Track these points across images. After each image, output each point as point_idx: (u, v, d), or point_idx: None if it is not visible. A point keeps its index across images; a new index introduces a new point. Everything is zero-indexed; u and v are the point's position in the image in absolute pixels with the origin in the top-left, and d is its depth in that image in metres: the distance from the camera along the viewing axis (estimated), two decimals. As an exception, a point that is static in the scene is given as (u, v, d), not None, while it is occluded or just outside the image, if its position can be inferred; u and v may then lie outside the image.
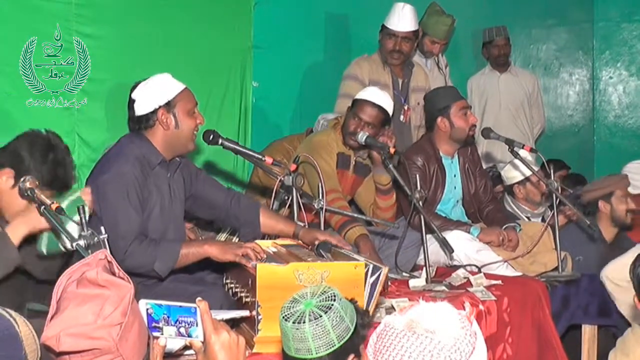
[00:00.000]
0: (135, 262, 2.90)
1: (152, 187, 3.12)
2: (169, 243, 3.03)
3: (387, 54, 4.84)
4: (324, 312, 1.86)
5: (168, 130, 3.13)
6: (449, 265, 4.10)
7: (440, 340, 1.44)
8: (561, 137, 7.49)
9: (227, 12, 4.69)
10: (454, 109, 4.37)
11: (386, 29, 4.85)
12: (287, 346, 1.89)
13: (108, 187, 2.99)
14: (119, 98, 3.90)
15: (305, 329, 1.84)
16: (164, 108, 3.12)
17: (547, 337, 3.90)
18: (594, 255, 4.48)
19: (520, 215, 4.84)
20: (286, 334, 1.87)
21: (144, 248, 2.93)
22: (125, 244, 2.91)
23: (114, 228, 2.88)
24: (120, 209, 2.97)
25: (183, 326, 1.81)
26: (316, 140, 4.08)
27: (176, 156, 3.24)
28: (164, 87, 3.14)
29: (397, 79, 4.92)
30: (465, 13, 6.04)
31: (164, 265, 2.94)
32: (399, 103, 4.90)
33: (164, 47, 4.29)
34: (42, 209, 2.59)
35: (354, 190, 4.26)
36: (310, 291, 1.93)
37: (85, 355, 1.56)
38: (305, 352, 1.85)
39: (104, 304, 1.58)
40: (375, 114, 4.01)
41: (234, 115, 4.74)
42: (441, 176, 4.41)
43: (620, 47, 7.55)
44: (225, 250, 2.95)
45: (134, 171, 3.04)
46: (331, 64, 5.01)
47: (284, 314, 1.89)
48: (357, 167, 4.19)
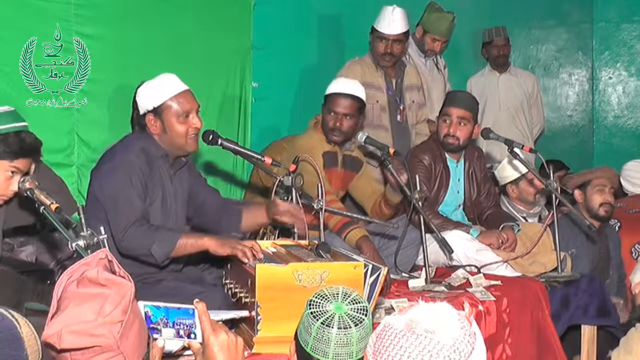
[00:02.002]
0: (133, 244, 2.93)
1: (155, 180, 3.15)
2: (169, 230, 3.06)
3: (378, 57, 4.83)
4: (364, 315, 1.86)
5: (158, 135, 3.18)
6: (448, 266, 4.10)
7: (440, 340, 1.44)
8: (561, 137, 7.50)
9: (226, 12, 4.69)
10: None
11: (377, 32, 4.82)
12: (322, 351, 1.84)
13: (112, 173, 3.04)
14: (119, 98, 3.91)
15: (353, 333, 1.83)
16: (151, 113, 3.16)
17: (547, 338, 3.90)
18: (586, 250, 4.49)
19: (516, 215, 4.84)
20: (327, 339, 1.83)
21: (143, 231, 2.95)
22: (126, 223, 2.93)
23: (116, 207, 2.95)
24: (123, 192, 3.00)
25: (181, 328, 1.82)
26: (299, 145, 4.03)
27: (180, 156, 3.26)
28: (158, 90, 3.16)
29: (391, 80, 4.91)
30: (465, 13, 6.04)
31: (161, 250, 2.94)
32: (395, 104, 4.90)
33: (163, 48, 4.29)
34: (41, 209, 2.59)
35: (346, 185, 4.24)
36: (330, 293, 1.90)
37: (86, 353, 1.56)
38: (346, 356, 1.84)
39: (104, 302, 1.59)
40: (349, 104, 4.00)
41: (233, 116, 4.75)
42: (445, 178, 4.41)
43: (619, 48, 7.56)
44: (223, 244, 2.96)
45: (139, 161, 3.08)
46: (330, 65, 5.01)
47: (322, 319, 1.84)
48: (346, 161, 4.18)
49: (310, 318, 1.85)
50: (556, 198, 4.14)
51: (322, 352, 1.83)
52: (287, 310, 2.57)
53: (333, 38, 5.49)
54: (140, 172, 3.07)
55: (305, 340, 1.85)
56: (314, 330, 1.83)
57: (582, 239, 4.56)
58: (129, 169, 3.05)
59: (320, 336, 1.83)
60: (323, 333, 1.82)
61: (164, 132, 3.16)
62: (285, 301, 2.60)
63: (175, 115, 3.16)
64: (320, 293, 1.90)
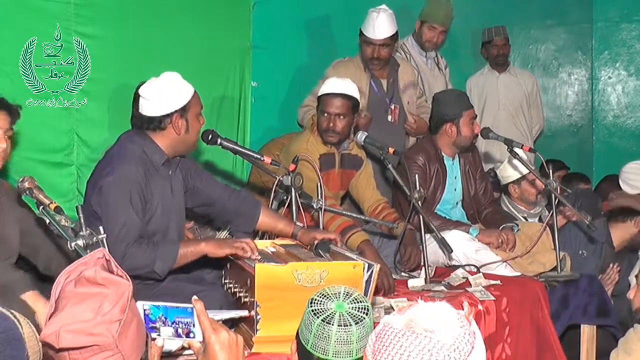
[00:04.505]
0: (134, 264, 2.90)
1: (154, 188, 3.11)
2: (167, 244, 3.03)
3: (367, 60, 4.81)
4: (365, 314, 1.86)
5: (179, 135, 3.13)
6: (447, 265, 4.10)
7: (440, 339, 1.44)
8: (560, 137, 7.50)
9: (226, 12, 4.69)
10: (464, 118, 4.40)
11: (363, 36, 4.79)
12: (322, 349, 1.84)
13: (111, 190, 2.99)
14: (119, 98, 3.92)
15: (353, 331, 1.83)
16: (178, 113, 3.11)
17: (546, 337, 3.90)
18: (593, 254, 4.50)
19: (517, 215, 4.85)
20: (327, 336, 1.83)
21: (142, 250, 2.94)
22: (124, 247, 2.91)
23: (114, 230, 2.89)
24: (121, 213, 2.96)
25: (180, 327, 1.81)
26: (294, 150, 3.97)
27: (178, 155, 3.25)
28: (178, 90, 3.12)
29: (380, 81, 4.88)
30: (464, 13, 6.04)
31: (164, 265, 2.95)
32: (384, 105, 4.88)
33: (163, 47, 4.29)
34: (40, 209, 2.59)
35: (345, 184, 4.23)
36: (332, 292, 1.90)
37: (84, 352, 1.56)
38: (346, 355, 1.83)
39: (102, 301, 1.58)
40: (341, 104, 3.97)
41: (232, 115, 4.75)
42: (442, 177, 4.42)
43: (619, 47, 7.56)
44: (221, 245, 2.98)
45: (138, 174, 3.03)
46: (330, 64, 5.01)
47: (323, 316, 1.84)
48: (344, 160, 4.16)
49: (311, 315, 1.85)
50: (556, 198, 4.14)
51: (322, 349, 1.83)
52: (287, 309, 2.57)
53: (332, 38, 5.49)
54: (140, 185, 3.02)
55: (306, 338, 1.85)
56: (314, 327, 1.83)
57: (589, 246, 4.57)
58: (127, 184, 2.99)
59: (320, 333, 1.83)
60: (323, 330, 1.83)
61: (186, 131, 3.13)
62: (284, 301, 2.60)
63: (195, 114, 3.15)
64: (322, 292, 1.91)
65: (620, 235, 4.68)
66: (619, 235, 4.68)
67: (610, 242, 4.60)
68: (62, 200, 3.52)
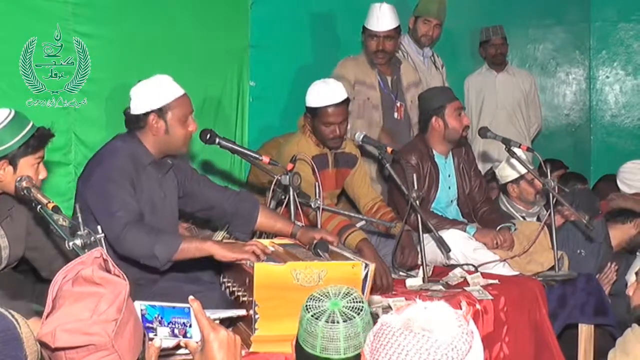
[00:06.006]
0: (134, 244, 2.85)
1: (143, 185, 3.11)
2: (170, 234, 3.02)
3: (371, 55, 4.84)
4: (356, 314, 1.86)
5: (157, 136, 3.13)
6: (445, 265, 4.11)
7: (437, 338, 1.44)
8: (558, 136, 7.50)
9: (224, 11, 4.69)
10: (449, 110, 4.39)
11: (367, 30, 4.84)
12: (310, 344, 1.85)
13: (103, 179, 2.98)
14: (117, 97, 3.91)
15: (339, 329, 1.83)
16: (155, 113, 3.12)
17: (544, 337, 3.90)
18: (591, 254, 4.51)
19: (515, 214, 4.85)
20: (313, 332, 1.85)
21: (144, 232, 2.87)
22: (124, 223, 2.85)
23: (110, 210, 2.87)
24: (117, 195, 2.94)
25: (176, 327, 1.82)
26: (287, 153, 3.95)
27: (167, 156, 3.23)
28: (161, 90, 3.12)
29: (386, 78, 4.92)
30: (462, 12, 6.05)
31: (164, 251, 2.85)
32: (391, 101, 4.90)
33: (162, 47, 4.29)
34: (38, 208, 2.59)
35: (341, 183, 4.23)
36: (332, 291, 1.92)
37: (80, 352, 1.55)
38: (333, 352, 1.83)
39: (99, 301, 1.58)
40: (339, 111, 3.96)
41: (230, 115, 4.75)
42: (435, 175, 4.42)
43: (616, 47, 7.57)
44: (232, 248, 2.88)
45: (127, 166, 3.03)
46: (328, 64, 5.00)
47: (313, 312, 1.86)
48: (338, 159, 4.15)
49: (304, 310, 1.88)
50: (554, 197, 4.15)
51: (311, 344, 1.85)
52: (285, 309, 2.57)
53: (330, 37, 5.49)
54: (129, 176, 3.02)
55: (313, 344, 1.87)
56: (304, 322, 1.86)
57: (588, 240, 4.58)
58: (118, 172, 2.99)
59: (308, 328, 1.85)
60: (311, 325, 1.85)
61: (165, 133, 3.13)
62: (283, 300, 2.60)
63: (177, 117, 3.13)
64: (324, 289, 1.92)
65: (619, 236, 4.69)
66: (617, 236, 4.69)
67: (608, 242, 4.61)
68: (60, 200, 3.52)
